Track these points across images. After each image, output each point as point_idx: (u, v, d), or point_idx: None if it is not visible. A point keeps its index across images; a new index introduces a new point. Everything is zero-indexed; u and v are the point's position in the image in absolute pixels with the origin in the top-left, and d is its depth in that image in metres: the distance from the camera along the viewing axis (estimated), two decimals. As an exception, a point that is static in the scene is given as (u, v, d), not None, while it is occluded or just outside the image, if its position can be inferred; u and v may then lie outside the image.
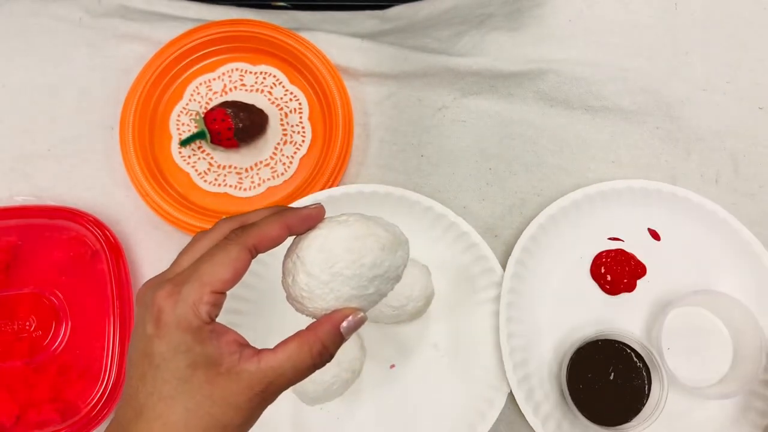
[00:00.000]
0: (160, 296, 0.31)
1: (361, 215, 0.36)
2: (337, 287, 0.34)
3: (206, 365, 0.31)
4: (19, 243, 0.55)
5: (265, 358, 0.32)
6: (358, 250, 0.34)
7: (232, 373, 0.31)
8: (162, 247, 0.58)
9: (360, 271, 0.34)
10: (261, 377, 0.31)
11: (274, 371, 0.32)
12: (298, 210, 0.35)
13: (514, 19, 0.62)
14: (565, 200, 0.56)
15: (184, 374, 0.30)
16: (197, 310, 0.31)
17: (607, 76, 0.60)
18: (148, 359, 0.31)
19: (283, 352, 0.32)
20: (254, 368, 0.31)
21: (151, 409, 0.30)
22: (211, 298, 0.31)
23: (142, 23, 0.62)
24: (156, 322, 0.31)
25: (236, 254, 0.32)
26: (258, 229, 0.33)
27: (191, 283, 0.31)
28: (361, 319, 0.35)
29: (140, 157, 0.57)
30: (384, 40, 0.62)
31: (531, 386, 0.53)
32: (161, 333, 0.31)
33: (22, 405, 0.52)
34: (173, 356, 0.30)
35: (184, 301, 0.31)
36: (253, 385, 0.31)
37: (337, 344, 0.34)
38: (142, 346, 0.31)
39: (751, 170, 0.59)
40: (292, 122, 0.61)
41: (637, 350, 0.51)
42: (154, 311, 0.31)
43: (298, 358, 0.32)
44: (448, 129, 0.60)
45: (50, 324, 0.54)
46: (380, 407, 0.54)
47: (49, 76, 0.61)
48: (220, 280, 0.31)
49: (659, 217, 0.57)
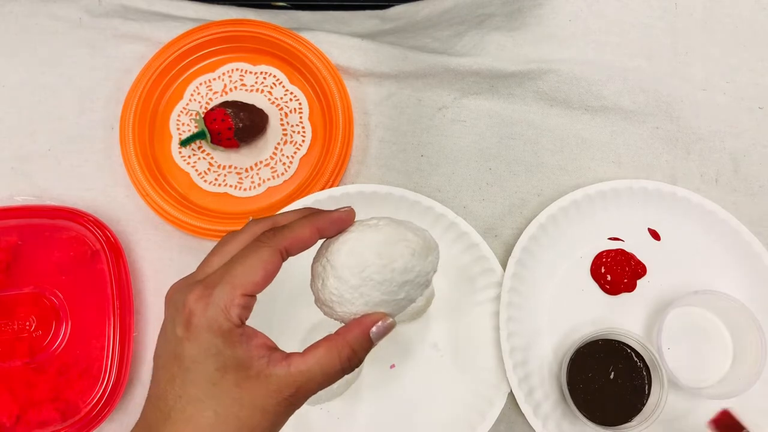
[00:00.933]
0: (191, 298, 0.31)
1: (392, 219, 0.35)
2: (367, 292, 0.33)
3: (236, 368, 0.30)
4: (19, 243, 0.55)
5: (294, 362, 0.32)
6: (389, 254, 0.33)
7: (261, 376, 0.31)
8: (162, 247, 0.58)
9: (390, 276, 0.34)
10: (290, 381, 0.31)
11: (303, 375, 0.32)
12: (329, 213, 0.35)
13: (514, 19, 0.62)
14: (565, 200, 0.56)
15: (214, 377, 0.30)
16: (228, 313, 0.31)
17: (607, 76, 0.60)
18: (177, 361, 0.31)
19: (313, 357, 0.32)
20: (283, 372, 0.31)
21: (180, 411, 0.30)
22: (242, 300, 0.31)
23: (142, 23, 0.62)
24: (186, 325, 0.31)
25: (268, 256, 0.32)
26: (290, 232, 0.33)
27: (222, 286, 0.31)
28: (390, 324, 0.34)
29: (140, 157, 0.58)
30: (384, 40, 0.62)
31: (531, 386, 0.53)
32: (191, 335, 0.30)
33: (22, 405, 0.52)
34: (203, 359, 0.30)
35: (215, 304, 0.31)
36: (282, 389, 0.31)
37: (366, 350, 0.34)
38: (172, 348, 0.31)
39: (751, 170, 0.59)
40: (292, 122, 0.61)
41: (637, 350, 0.51)
42: (185, 313, 0.31)
43: (328, 363, 0.32)
44: (448, 129, 0.60)
45: (50, 324, 0.54)
46: (380, 407, 0.54)
47: (49, 76, 0.61)
48: (252, 282, 0.31)
49: (659, 217, 0.57)
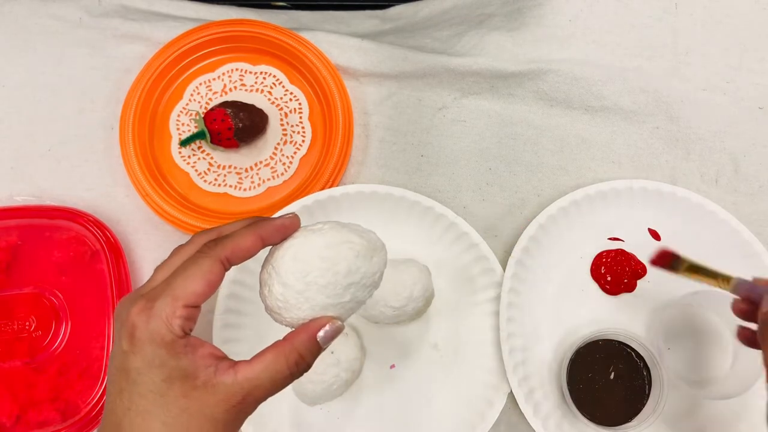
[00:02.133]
0: (133, 312, 0.31)
1: (337, 223, 0.36)
2: (312, 296, 0.33)
3: (182, 379, 0.31)
4: (19, 243, 0.55)
5: (241, 370, 0.32)
6: (332, 258, 0.34)
7: (208, 385, 0.31)
8: (162, 247, 0.58)
9: (334, 279, 0.34)
10: (237, 389, 0.31)
11: (251, 383, 0.32)
12: (272, 220, 0.35)
13: (514, 19, 0.62)
14: (565, 200, 0.56)
15: (160, 388, 0.30)
16: (170, 325, 0.31)
17: (607, 76, 0.60)
18: (124, 374, 0.31)
19: (260, 363, 0.32)
20: (230, 380, 0.31)
21: (129, 424, 0.30)
22: (184, 312, 0.31)
23: (142, 23, 0.62)
24: (130, 338, 0.31)
25: (208, 267, 0.32)
26: (231, 241, 0.33)
27: (164, 298, 0.31)
28: (337, 328, 0.34)
29: (140, 157, 0.57)
30: (384, 40, 0.62)
31: (531, 386, 0.53)
32: (135, 348, 0.31)
33: (22, 405, 0.52)
34: (148, 371, 0.30)
35: (157, 316, 0.31)
36: (229, 398, 0.31)
37: (314, 353, 0.34)
38: (118, 362, 0.31)
39: (751, 170, 0.59)
40: (292, 122, 0.61)
41: (638, 350, 0.51)
42: (128, 327, 0.31)
43: (275, 369, 0.32)
44: (448, 129, 0.60)
45: (50, 324, 0.54)
46: (380, 407, 0.54)
47: (49, 76, 0.61)
48: (193, 293, 0.32)
49: (659, 218, 0.57)
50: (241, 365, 0.32)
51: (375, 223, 0.55)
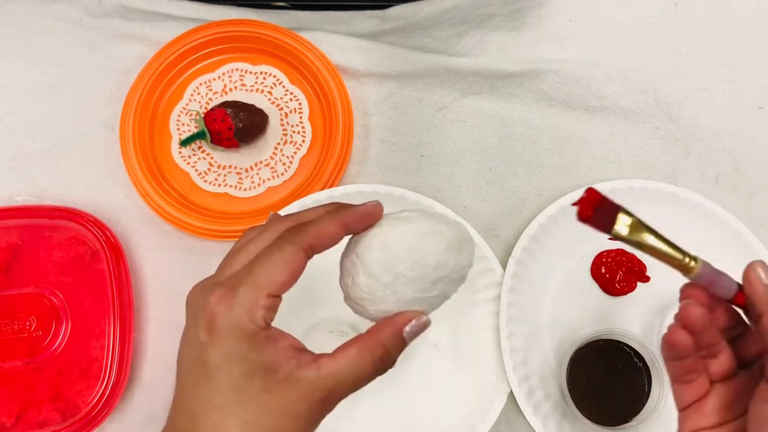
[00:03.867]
0: (212, 300, 0.29)
1: (424, 212, 0.34)
2: (400, 289, 0.32)
3: (263, 373, 0.29)
4: (19, 243, 0.55)
5: (324, 364, 0.30)
6: (421, 249, 0.32)
7: (290, 380, 0.29)
8: (162, 247, 0.58)
9: (423, 272, 0.32)
10: (321, 385, 0.30)
11: (335, 378, 0.30)
12: (356, 207, 0.33)
13: (515, 19, 0.62)
14: (565, 200, 0.56)
15: (240, 383, 0.29)
16: (253, 315, 0.29)
17: (607, 76, 0.60)
18: (202, 367, 0.29)
19: (344, 358, 0.31)
20: (314, 375, 0.30)
21: (206, 419, 0.29)
22: (267, 301, 0.30)
23: (143, 23, 0.62)
24: (209, 329, 0.29)
25: (292, 255, 0.30)
26: (314, 228, 0.31)
27: (246, 286, 0.29)
28: (424, 323, 0.33)
29: (140, 157, 0.57)
30: (384, 40, 0.62)
31: (531, 386, 0.53)
32: (214, 340, 0.29)
33: (22, 405, 0.52)
34: (228, 364, 0.29)
35: (238, 306, 0.29)
36: (313, 393, 0.30)
37: (400, 349, 0.32)
38: (195, 353, 0.30)
39: (751, 170, 0.59)
40: (292, 122, 0.61)
41: (638, 350, 0.51)
42: (207, 316, 0.29)
43: (360, 364, 0.31)
44: (448, 129, 0.60)
45: (50, 324, 0.54)
46: (380, 407, 0.54)
47: (49, 76, 0.61)
48: (277, 282, 0.30)
49: (659, 217, 0.56)
50: (324, 359, 0.31)
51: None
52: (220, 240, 0.56)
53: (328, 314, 0.54)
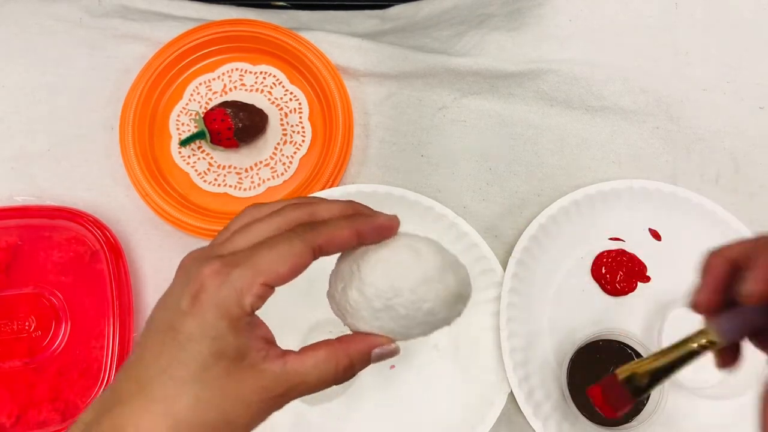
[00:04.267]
0: (205, 272, 0.29)
1: (436, 246, 0.33)
2: (385, 319, 0.32)
3: (231, 357, 0.28)
4: (19, 243, 0.55)
5: (291, 361, 0.30)
6: (423, 294, 0.32)
7: (255, 370, 0.29)
8: (162, 247, 0.58)
9: (414, 314, 0.32)
10: (283, 380, 0.30)
11: (299, 377, 0.30)
12: (373, 218, 0.32)
13: (515, 19, 0.62)
14: (565, 200, 0.56)
15: (206, 361, 0.28)
16: (241, 299, 0.28)
17: (607, 76, 0.60)
18: (172, 334, 0.28)
19: (311, 359, 0.31)
20: (279, 370, 0.30)
21: (159, 388, 0.28)
22: (260, 290, 0.29)
23: (142, 23, 0.62)
24: (194, 298, 0.28)
25: (299, 250, 0.29)
26: (328, 230, 0.31)
27: (244, 268, 0.29)
28: (394, 350, 0.33)
29: (140, 157, 0.57)
30: (384, 40, 0.62)
31: (531, 386, 0.53)
32: (196, 311, 0.28)
33: (21, 405, 0.52)
34: (200, 339, 0.28)
35: (230, 285, 0.28)
36: (273, 387, 0.30)
37: (363, 366, 0.33)
38: (170, 317, 0.29)
39: (751, 170, 0.59)
40: (292, 122, 0.61)
41: (638, 350, 0.51)
42: (195, 286, 0.29)
43: (325, 369, 0.31)
44: (448, 129, 0.60)
45: (50, 324, 0.54)
46: (380, 407, 0.54)
47: (49, 76, 0.61)
48: (277, 273, 0.29)
49: (660, 217, 0.57)
50: (291, 356, 0.30)
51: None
52: (220, 240, 0.56)
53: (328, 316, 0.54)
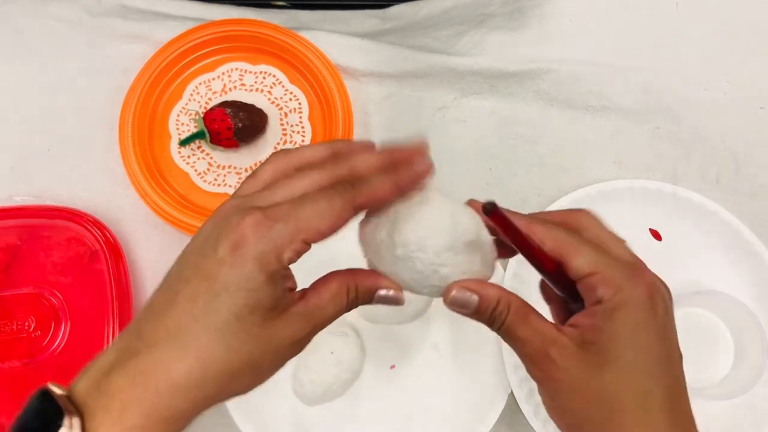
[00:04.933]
0: (247, 222, 0.28)
1: (477, 222, 0.33)
2: (401, 269, 0.32)
3: (264, 309, 0.28)
4: (18, 243, 0.55)
5: (311, 299, 0.30)
6: (445, 260, 0.32)
7: (283, 317, 0.29)
8: (161, 247, 0.58)
9: (429, 275, 0.32)
10: (306, 321, 0.30)
11: (320, 313, 0.30)
12: (411, 168, 0.32)
13: (515, 19, 0.62)
14: (565, 200, 0.56)
15: (240, 312, 0.28)
16: (281, 254, 0.28)
17: (607, 76, 0.60)
18: (207, 281, 0.28)
19: (327, 292, 0.31)
20: (303, 310, 0.30)
21: (191, 335, 0.28)
22: (299, 246, 0.29)
23: (142, 23, 0.62)
24: (234, 248, 0.28)
25: (341, 209, 0.29)
26: (369, 189, 0.30)
27: (285, 223, 0.28)
28: (397, 299, 0.33)
29: (140, 157, 0.57)
30: (384, 40, 0.62)
31: (532, 386, 0.52)
32: (235, 261, 0.28)
33: (21, 405, 0.52)
34: (236, 290, 0.28)
35: (272, 239, 0.28)
36: (300, 329, 0.30)
37: (365, 302, 0.32)
38: (207, 264, 0.28)
39: (751, 170, 0.59)
40: (292, 122, 0.61)
41: (638, 350, 0.51)
42: (236, 235, 0.28)
43: (339, 301, 0.31)
44: (449, 129, 0.60)
45: (49, 324, 0.53)
46: (380, 407, 0.53)
47: (49, 76, 0.61)
48: (317, 230, 0.29)
49: (660, 218, 0.57)
50: (310, 293, 0.31)
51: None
52: (220, 240, 0.56)
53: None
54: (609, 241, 0.34)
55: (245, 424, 0.50)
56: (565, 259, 0.32)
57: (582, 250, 0.32)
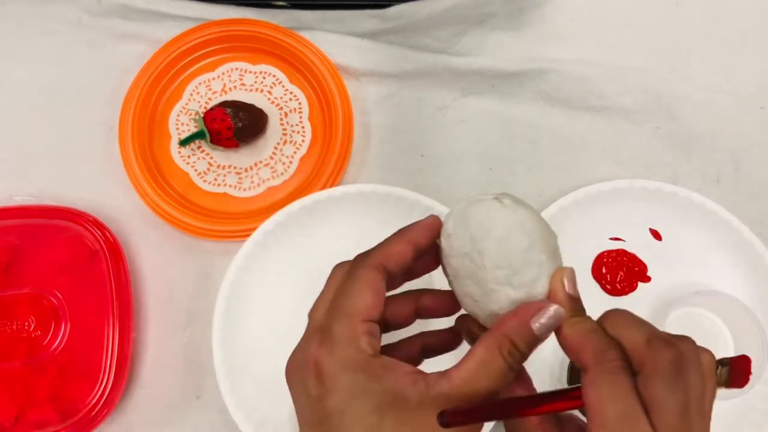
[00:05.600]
0: (311, 351, 0.27)
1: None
2: (472, 277, 0.30)
3: (393, 405, 0.26)
4: (18, 243, 0.55)
5: (454, 374, 0.27)
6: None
7: (424, 404, 0.26)
8: (162, 247, 0.58)
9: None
10: (456, 397, 0.26)
11: (470, 385, 0.27)
12: (416, 223, 0.33)
13: (515, 19, 0.62)
14: (565, 200, 0.56)
15: (371, 422, 0.26)
16: (358, 344, 0.27)
17: (607, 76, 0.60)
18: (324, 425, 0.26)
19: (473, 361, 0.27)
20: (447, 388, 0.26)
21: None
22: (365, 327, 0.28)
23: (142, 23, 0.62)
24: (318, 378, 0.27)
25: (367, 276, 0.29)
26: (380, 248, 0.31)
27: (338, 321, 0.28)
28: (559, 315, 0.29)
29: (140, 157, 0.57)
30: (384, 40, 0.62)
31: (531, 387, 0.52)
32: (329, 386, 0.26)
33: (21, 405, 0.52)
34: (351, 406, 0.26)
35: (340, 342, 0.27)
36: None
37: (527, 342, 0.28)
38: (311, 413, 0.27)
39: (751, 170, 0.59)
40: (292, 122, 0.60)
41: (638, 350, 0.51)
42: (312, 368, 0.27)
43: (491, 362, 0.27)
44: (449, 129, 0.60)
45: (49, 324, 0.53)
46: (380, 408, 0.53)
47: (49, 76, 0.61)
48: (365, 306, 0.28)
49: (660, 217, 0.57)
50: (452, 371, 0.27)
51: (375, 223, 0.55)
52: (220, 240, 0.56)
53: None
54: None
55: (245, 424, 0.50)
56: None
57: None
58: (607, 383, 0.26)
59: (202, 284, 0.56)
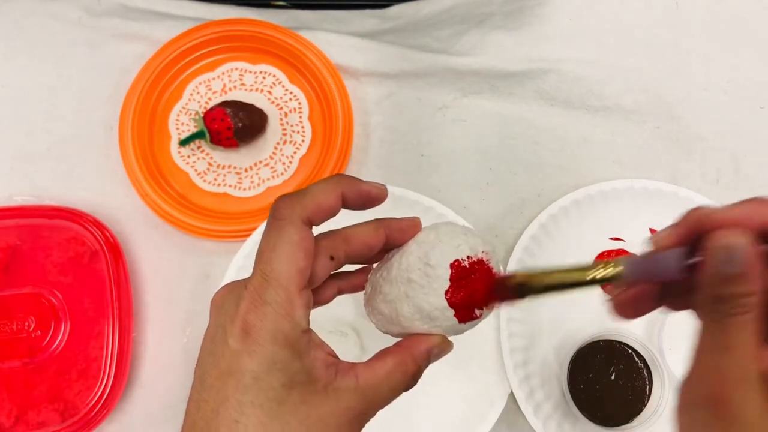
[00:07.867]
0: (243, 306, 0.27)
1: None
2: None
3: (303, 383, 0.27)
4: (18, 243, 0.55)
5: (362, 374, 0.28)
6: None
7: (329, 390, 0.27)
8: (161, 247, 0.58)
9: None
10: (360, 397, 0.28)
11: (374, 391, 0.28)
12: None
13: (515, 19, 0.62)
14: (566, 200, 0.56)
15: (279, 395, 0.26)
16: (293, 317, 0.27)
17: (607, 76, 0.60)
18: (233, 379, 0.26)
19: (382, 368, 0.29)
20: (353, 385, 0.28)
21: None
22: (302, 300, 0.27)
23: (142, 23, 0.62)
24: (244, 335, 0.26)
25: (297, 237, 0.27)
26: (311, 198, 0.29)
27: (274, 288, 0.27)
28: (448, 347, 0.33)
29: (139, 157, 0.57)
30: (384, 40, 0.62)
31: (532, 386, 0.52)
32: (252, 347, 0.26)
33: (21, 405, 0.52)
34: (267, 375, 0.26)
35: (275, 313, 0.26)
36: (352, 406, 0.28)
37: (426, 367, 0.31)
38: (226, 362, 0.27)
39: (751, 170, 0.59)
40: (292, 122, 0.60)
41: (638, 350, 0.51)
42: (239, 322, 0.27)
43: (396, 378, 0.29)
44: (449, 129, 0.60)
45: (49, 324, 0.53)
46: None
47: (49, 76, 0.61)
48: (298, 270, 0.27)
49: (661, 217, 0.56)
50: (361, 369, 0.29)
51: (375, 222, 0.55)
52: (220, 240, 0.56)
53: (328, 314, 0.54)
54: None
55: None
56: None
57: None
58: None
59: (202, 284, 0.56)
